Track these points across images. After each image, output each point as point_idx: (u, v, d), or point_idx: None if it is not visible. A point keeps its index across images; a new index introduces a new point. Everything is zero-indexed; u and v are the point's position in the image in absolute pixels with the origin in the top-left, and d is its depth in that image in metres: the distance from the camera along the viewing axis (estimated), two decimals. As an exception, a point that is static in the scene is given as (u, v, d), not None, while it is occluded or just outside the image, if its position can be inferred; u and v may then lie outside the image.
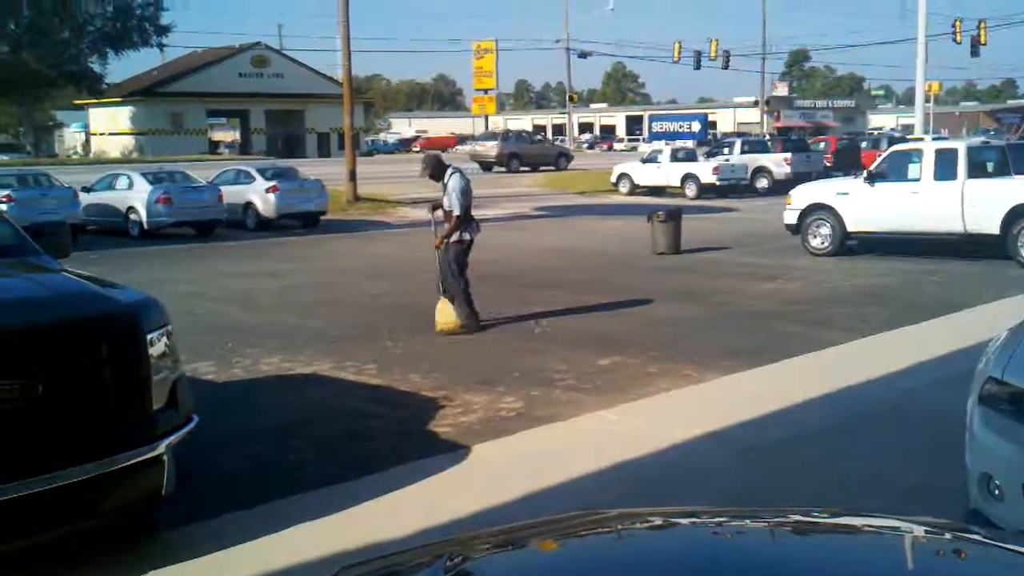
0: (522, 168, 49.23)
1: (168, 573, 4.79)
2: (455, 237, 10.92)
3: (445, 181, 10.90)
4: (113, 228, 23.77)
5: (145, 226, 23.20)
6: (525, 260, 17.76)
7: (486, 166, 49.88)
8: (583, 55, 76.48)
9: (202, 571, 4.86)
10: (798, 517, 2.25)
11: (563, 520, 2.32)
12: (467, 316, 10.95)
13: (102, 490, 4.35)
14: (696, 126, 40.31)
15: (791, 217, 17.83)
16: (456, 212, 10.77)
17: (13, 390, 4.06)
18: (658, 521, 2.33)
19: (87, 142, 77.97)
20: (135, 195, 23.61)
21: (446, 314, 10.89)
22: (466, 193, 10.90)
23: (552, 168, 49.97)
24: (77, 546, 4.76)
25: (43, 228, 6.07)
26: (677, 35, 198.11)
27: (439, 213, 11.21)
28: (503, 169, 48.89)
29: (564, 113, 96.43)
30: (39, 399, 4.13)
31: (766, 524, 2.18)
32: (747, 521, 2.22)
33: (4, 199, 20.44)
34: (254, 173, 25.89)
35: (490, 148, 50.70)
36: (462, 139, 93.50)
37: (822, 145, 41.85)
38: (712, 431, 6.99)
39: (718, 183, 33.56)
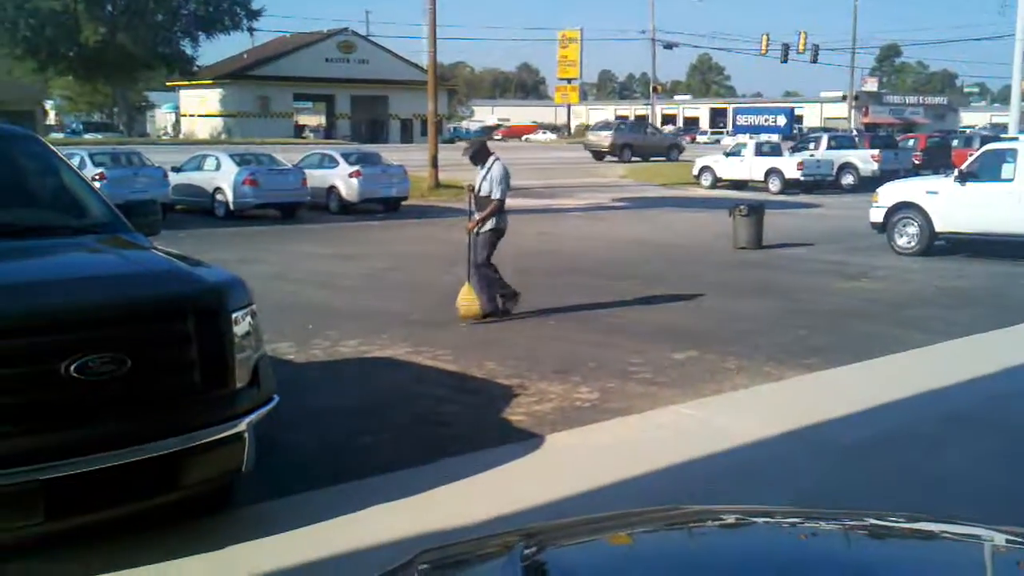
0: (634, 158, 49.13)
1: (245, 549, 4.88)
2: (490, 224, 10.91)
3: (488, 166, 10.89)
4: (200, 208, 24.28)
5: (231, 207, 23.65)
6: (602, 251, 17.70)
7: (599, 155, 49.99)
8: (669, 46, 75.91)
9: (277, 548, 4.94)
10: (874, 521, 2.21)
11: (641, 514, 2.31)
12: (488, 303, 10.98)
13: (186, 464, 4.44)
14: (782, 120, 39.66)
15: (877, 215, 17.47)
16: (497, 197, 10.77)
17: (104, 363, 4.17)
18: (735, 519, 2.30)
19: (177, 123, 79.85)
20: (222, 176, 24.08)
21: (470, 300, 10.92)
22: (508, 181, 10.93)
23: (663, 158, 49.80)
24: (157, 518, 4.88)
25: (134, 206, 6.20)
26: (765, 27, 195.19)
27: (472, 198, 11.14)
28: (615, 159, 48.86)
29: (647, 104, 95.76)
30: (128, 373, 4.24)
31: (842, 527, 2.14)
32: (822, 523, 2.19)
33: (97, 177, 20.99)
34: (338, 157, 26.21)
35: (604, 138, 50.92)
36: (545, 127, 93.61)
37: (911, 142, 40.89)
38: (791, 429, 6.89)
39: (802, 178, 33.04)
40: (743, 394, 8.01)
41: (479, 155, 11.02)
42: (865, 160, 35.02)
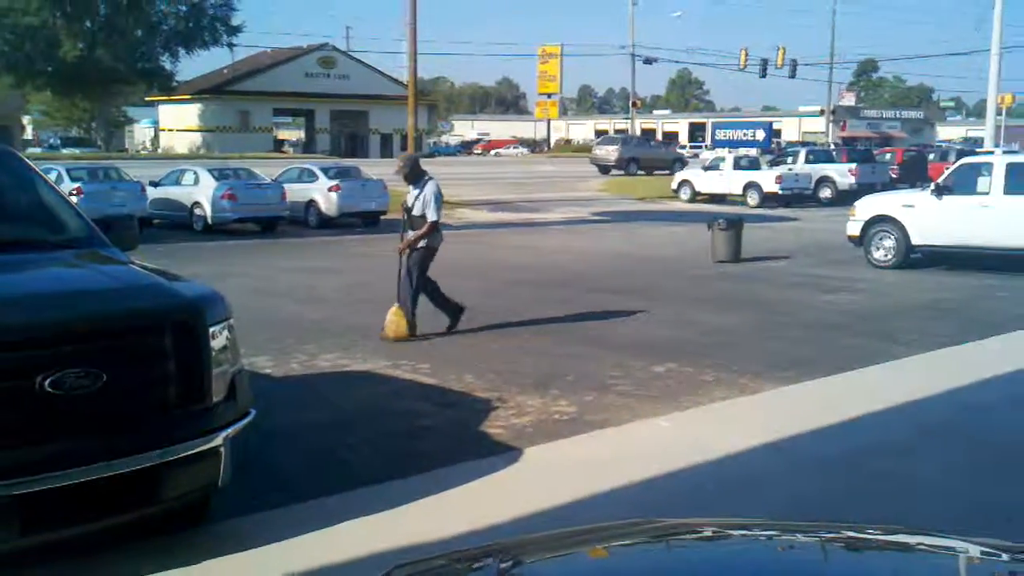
0: (639, 172, 49.31)
1: (220, 563, 4.86)
2: (424, 243, 10.78)
3: (422, 186, 10.75)
4: (179, 222, 24.20)
5: (210, 221, 23.58)
6: (581, 265, 17.74)
7: (604, 169, 50.12)
8: (648, 61, 76.12)
9: (253, 563, 4.93)
10: (852, 533, 2.22)
11: (617, 527, 2.32)
12: (409, 321, 10.74)
13: (162, 479, 4.42)
14: (760, 134, 39.97)
15: (855, 228, 17.59)
16: (433, 218, 10.66)
17: (79, 378, 4.15)
18: (712, 532, 2.31)
19: (156, 138, 79.51)
20: (201, 191, 24.02)
21: (398, 320, 10.64)
22: (440, 200, 10.87)
23: (667, 172, 50.03)
24: (131, 534, 4.85)
25: (112, 221, 6.18)
26: (743, 42, 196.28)
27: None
28: (621, 172, 49.03)
29: (627, 119, 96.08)
30: (103, 387, 4.22)
31: (819, 539, 2.16)
32: (799, 535, 2.20)
33: (75, 191, 20.91)
34: (317, 172, 26.19)
35: (610, 152, 51.16)
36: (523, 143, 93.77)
37: (888, 156, 41.23)
38: (769, 442, 6.92)
39: (781, 192, 33.23)
40: (721, 406, 8.04)
41: (413, 174, 10.87)
42: (843, 174, 35.24)
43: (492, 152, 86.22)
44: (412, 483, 6.05)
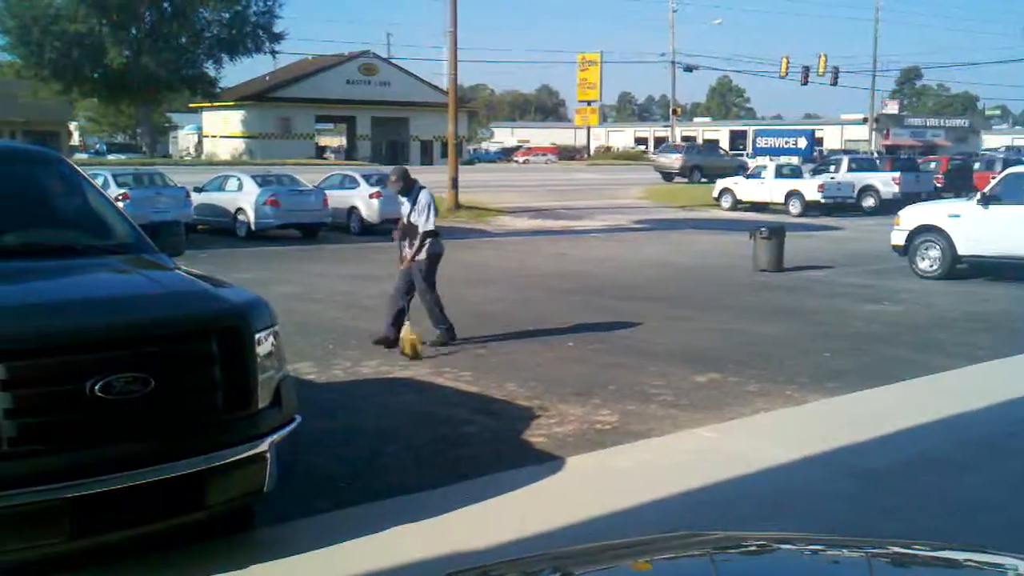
0: (702, 179, 49.27)
1: (265, 569, 4.88)
2: (425, 254, 10.68)
3: (415, 196, 10.69)
4: (222, 228, 24.43)
5: (252, 227, 23.78)
6: (621, 273, 17.69)
7: (668, 176, 50.21)
8: (688, 68, 75.86)
9: (296, 569, 4.95)
10: (899, 549, 2.19)
11: (664, 540, 2.30)
12: (444, 328, 10.73)
13: (208, 484, 4.44)
14: (802, 142, 39.47)
15: (899, 238, 17.39)
16: (429, 227, 10.59)
17: (128, 383, 4.19)
18: (759, 546, 2.29)
19: (199, 144, 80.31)
20: (244, 197, 24.24)
21: (413, 339, 10.28)
22: (434, 208, 10.79)
23: None
24: (178, 539, 4.89)
25: (159, 227, 6.24)
26: (785, 50, 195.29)
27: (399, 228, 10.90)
28: (684, 180, 49.05)
29: (667, 126, 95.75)
30: (152, 393, 4.26)
31: (865, 555, 2.13)
32: (846, 551, 2.17)
33: (121, 197, 21.17)
34: (359, 179, 26.34)
35: (674, 160, 51.31)
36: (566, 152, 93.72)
37: (932, 165, 40.73)
38: (814, 454, 6.84)
39: (823, 201, 32.97)
40: (764, 418, 7.97)
41: (406, 185, 10.81)
42: (886, 183, 34.90)
43: (521, 160, 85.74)
44: (455, 491, 6.05)
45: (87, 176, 6.37)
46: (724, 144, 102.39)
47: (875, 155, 47.05)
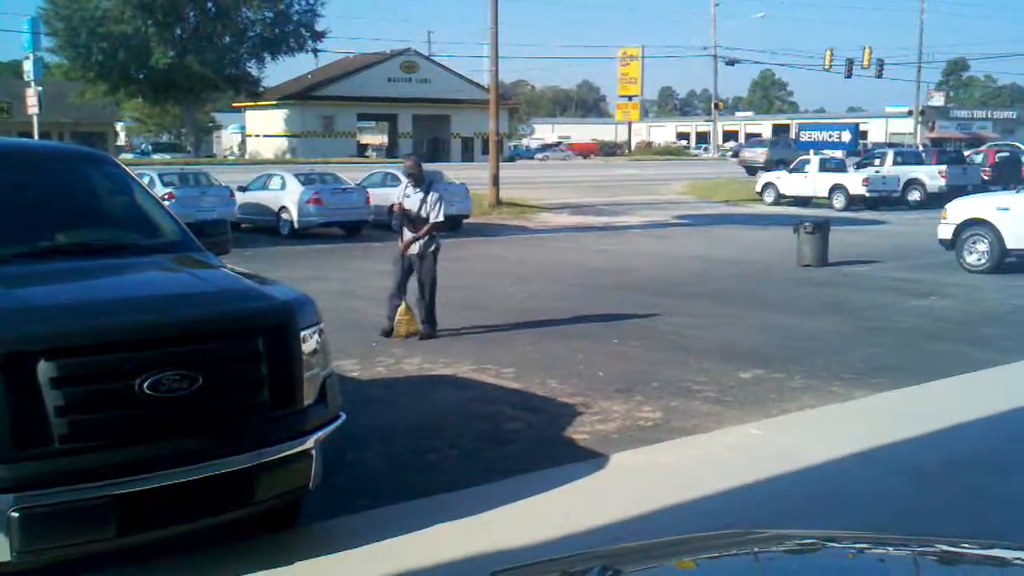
0: None
1: (311, 566, 4.92)
2: (434, 245, 11.12)
3: (425, 188, 11.07)
4: (265, 226, 24.62)
5: (296, 225, 23.95)
6: (663, 269, 17.60)
7: (752, 171, 50.27)
8: (730, 62, 75.43)
9: (342, 566, 4.98)
10: (948, 547, 2.16)
11: (713, 538, 2.29)
12: (430, 326, 11.09)
13: (255, 481, 4.48)
14: (847, 136, 39.00)
15: (946, 232, 17.15)
16: (439, 219, 11.02)
17: (176, 380, 4.24)
18: (808, 544, 2.27)
19: (243, 143, 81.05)
20: (287, 195, 24.41)
21: (408, 317, 10.98)
22: (445, 201, 11.22)
23: None
24: (224, 536, 4.94)
25: (205, 226, 6.32)
26: (828, 42, 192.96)
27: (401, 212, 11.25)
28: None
29: (709, 121, 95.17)
30: (199, 390, 4.30)
31: (914, 553, 2.11)
32: (893, 549, 2.15)
33: (167, 196, 21.41)
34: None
35: (759, 154, 51.52)
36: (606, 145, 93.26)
37: (979, 157, 40.09)
38: (861, 451, 6.77)
39: (868, 194, 32.60)
40: (810, 414, 7.90)
41: (420, 176, 11.22)
42: (932, 176, 34.41)
43: (539, 156, 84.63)
44: (499, 487, 6.06)
45: (135, 175, 6.46)
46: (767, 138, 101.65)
47: (921, 148, 46.40)
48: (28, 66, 27.83)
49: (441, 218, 11.06)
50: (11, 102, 52.88)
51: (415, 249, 11.03)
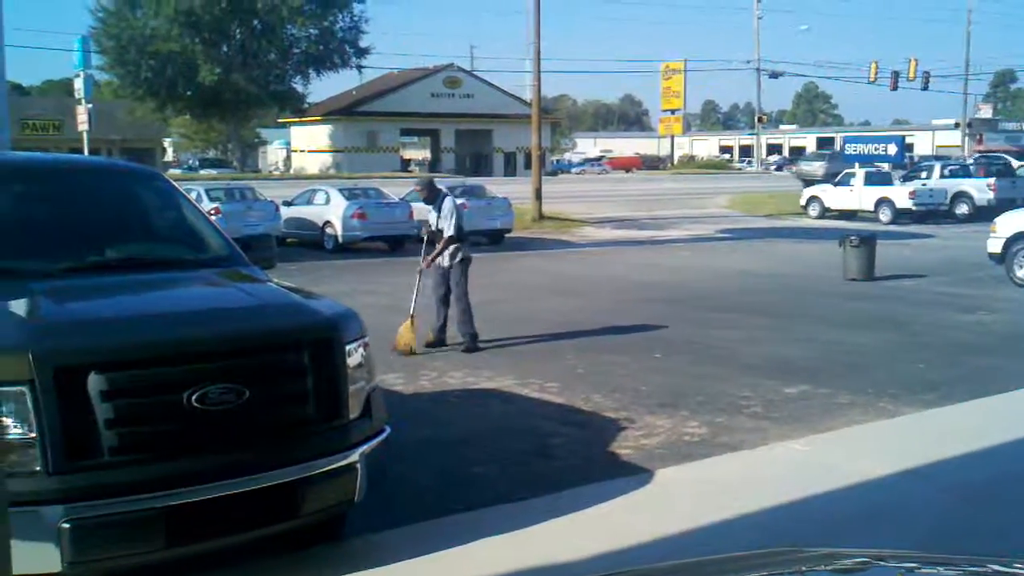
0: None
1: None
2: (459, 256, 11.20)
3: (440, 203, 11.25)
4: (310, 241, 24.82)
5: (340, 240, 24.12)
6: (707, 282, 17.50)
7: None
8: (774, 75, 75.09)
9: (388, 578, 4.98)
10: (998, 567, 2.12)
11: (761, 556, 2.26)
12: (469, 336, 11.13)
13: (301, 494, 4.50)
14: (892, 148, 38.62)
15: (995, 246, 16.90)
16: (450, 233, 11.07)
17: (223, 394, 4.28)
18: (857, 563, 2.23)
19: (288, 158, 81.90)
20: (332, 210, 24.60)
21: (406, 335, 10.98)
22: (459, 215, 11.29)
23: None
24: (270, 549, 4.97)
25: (251, 240, 6.39)
26: (874, 55, 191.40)
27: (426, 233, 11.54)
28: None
29: (752, 134, 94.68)
30: (246, 403, 4.34)
31: (964, 573, 2.07)
32: (942, 568, 2.11)
33: (213, 211, 21.66)
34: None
35: (816, 168, 51.42)
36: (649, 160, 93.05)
37: (1029, 170, 39.49)
38: (911, 467, 6.66)
39: (914, 208, 32.23)
40: (858, 430, 7.79)
41: (432, 194, 11.44)
42: (980, 189, 33.94)
43: (575, 170, 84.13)
44: (543, 502, 6.03)
45: (182, 191, 6.55)
46: (810, 151, 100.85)
47: (968, 161, 45.81)
48: (79, 84, 28.33)
49: (451, 231, 11.11)
50: (62, 119, 53.82)
51: (445, 262, 11.11)
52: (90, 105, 28.69)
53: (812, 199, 35.76)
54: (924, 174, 36.38)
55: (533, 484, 6.42)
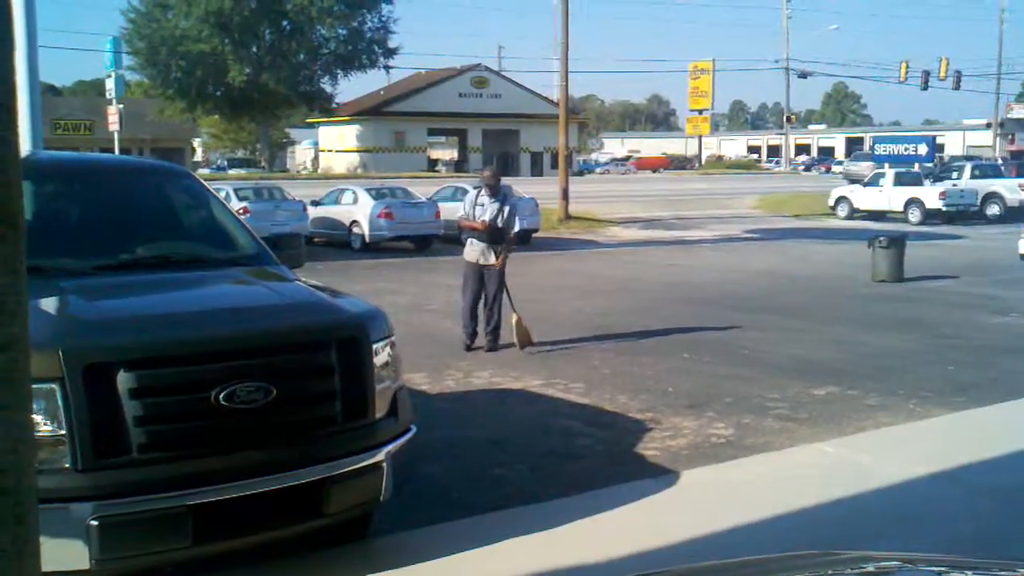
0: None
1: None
2: (504, 256, 11.14)
3: (501, 198, 11.11)
4: (337, 240, 24.92)
5: (367, 239, 24.20)
6: (734, 284, 17.42)
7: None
8: (803, 75, 74.61)
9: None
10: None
11: (792, 559, 2.24)
12: (496, 335, 11.12)
13: (327, 493, 4.50)
14: (923, 148, 38.29)
15: (1027, 247, 16.73)
16: (516, 229, 11.14)
17: (251, 392, 4.29)
18: (891, 566, 2.21)
19: (316, 158, 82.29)
20: (359, 210, 24.69)
21: (523, 329, 11.01)
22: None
23: None
24: (295, 547, 4.98)
25: (280, 239, 6.42)
26: (904, 54, 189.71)
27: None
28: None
29: (780, 134, 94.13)
30: (273, 402, 4.35)
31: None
32: (971, 573, 2.09)
33: (242, 211, 21.79)
34: (471, 190, 26.54)
35: (864, 168, 51.39)
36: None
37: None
38: (941, 470, 6.59)
39: (944, 208, 31.95)
40: (887, 433, 7.73)
41: (497, 185, 11.27)
42: (1012, 190, 33.61)
43: (599, 170, 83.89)
44: (568, 503, 6.02)
45: (212, 190, 6.58)
46: (840, 151, 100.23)
47: (1000, 161, 45.36)
48: (110, 84, 28.53)
49: (517, 228, 11.12)
50: (94, 119, 54.39)
51: (489, 259, 11.04)
52: (121, 106, 28.91)
53: (840, 199, 35.53)
54: (955, 174, 36.07)
55: (559, 485, 6.40)
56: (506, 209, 11.04)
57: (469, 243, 11.23)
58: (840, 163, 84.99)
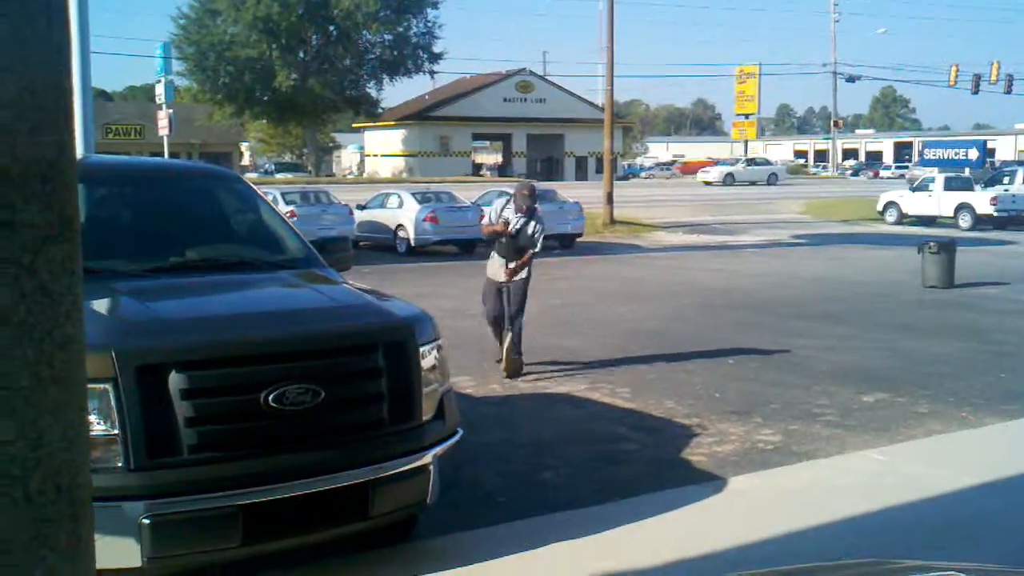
0: None
1: (425, 581, 4.94)
2: (524, 274, 10.41)
3: (529, 216, 10.34)
4: (383, 244, 25.06)
5: (412, 243, 24.32)
6: (782, 288, 17.25)
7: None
8: (851, 79, 73.84)
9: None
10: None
11: (848, 568, 2.21)
12: (517, 356, 10.19)
13: (374, 495, 4.53)
14: (974, 153, 37.65)
15: (1083, 253, 16.41)
16: (537, 249, 10.35)
17: (300, 394, 4.33)
18: None
19: (361, 163, 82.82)
20: (404, 213, 24.82)
21: (512, 358, 10.12)
22: None
23: None
24: (342, 548, 5.01)
25: (327, 243, 6.47)
26: (953, 58, 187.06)
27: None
28: None
29: (828, 139, 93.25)
30: (321, 403, 4.39)
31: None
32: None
33: (289, 214, 21.97)
34: (497, 198, 26.56)
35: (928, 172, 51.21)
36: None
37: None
38: (993, 480, 6.49)
39: (996, 214, 31.43)
40: (938, 440, 7.62)
41: (534, 203, 10.50)
42: (1065, 195, 32.97)
43: (643, 174, 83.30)
44: (615, 508, 6.00)
45: (261, 194, 6.65)
46: (887, 156, 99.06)
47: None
48: (160, 89, 28.87)
49: (538, 248, 10.42)
50: (144, 124, 55.18)
51: (524, 274, 10.49)
52: (171, 110, 29.26)
53: (889, 204, 35.09)
54: (1006, 179, 35.47)
55: (605, 489, 6.38)
56: (531, 225, 10.32)
57: (491, 256, 10.78)
58: (901, 167, 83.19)
